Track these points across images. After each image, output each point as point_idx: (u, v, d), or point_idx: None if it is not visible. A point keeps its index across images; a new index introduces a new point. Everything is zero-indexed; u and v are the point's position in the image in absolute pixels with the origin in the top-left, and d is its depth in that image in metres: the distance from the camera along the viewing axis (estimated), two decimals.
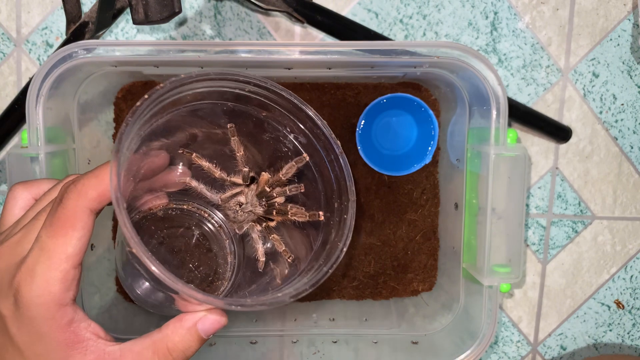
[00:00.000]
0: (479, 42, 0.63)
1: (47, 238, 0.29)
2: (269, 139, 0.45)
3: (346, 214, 0.40)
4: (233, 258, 0.47)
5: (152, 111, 0.35)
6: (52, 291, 0.28)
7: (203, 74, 0.36)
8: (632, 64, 0.64)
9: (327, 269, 0.37)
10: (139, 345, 0.31)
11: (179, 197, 0.46)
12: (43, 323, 0.28)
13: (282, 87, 0.40)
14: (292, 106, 0.41)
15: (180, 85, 0.35)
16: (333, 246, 0.39)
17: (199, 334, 0.32)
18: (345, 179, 0.41)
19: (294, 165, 0.42)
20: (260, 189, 0.42)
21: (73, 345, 0.29)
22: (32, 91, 0.44)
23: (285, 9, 0.55)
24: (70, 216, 0.29)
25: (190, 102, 0.39)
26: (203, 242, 0.46)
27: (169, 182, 0.42)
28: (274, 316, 0.59)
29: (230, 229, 0.47)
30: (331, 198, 0.43)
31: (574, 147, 0.66)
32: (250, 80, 0.39)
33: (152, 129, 0.38)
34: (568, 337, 0.69)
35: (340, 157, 0.41)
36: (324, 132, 0.41)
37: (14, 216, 0.34)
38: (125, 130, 0.31)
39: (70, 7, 0.56)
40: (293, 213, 0.41)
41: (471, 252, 0.52)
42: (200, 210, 0.46)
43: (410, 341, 0.55)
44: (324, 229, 0.43)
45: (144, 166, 0.39)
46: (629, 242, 0.68)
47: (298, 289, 0.35)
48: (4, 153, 0.61)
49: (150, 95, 0.33)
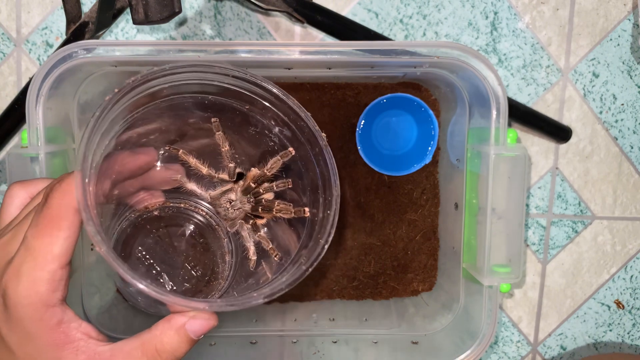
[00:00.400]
0: (479, 42, 0.63)
1: (33, 238, 0.28)
2: (254, 133, 0.43)
3: (329, 209, 0.38)
4: (231, 257, 0.46)
5: (124, 106, 0.34)
6: (39, 291, 0.28)
7: (176, 66, 0.35)
8: (632, 64, 0.64)
9: (306, 267, 0.34)
10: (129, 345, 0.30)
11: (177, 195, 0.46)
12: (32, 324, 0.28)
13: (262, 77, 0.38)
14: (274, 97, 0.39)
15: (152, 78, 0.34)
16: (315, 243, 0.37)
17: (188, 334, 0.31)
18: (330, 173, 0.39)
19: (279, 159, 0.40)
20: (246, 185, 0.41)
21: (63, 345, 0.29)
22: (32, 91, 0.44)
23: (285, 9, 0.55)
24: (55, 216, 0.29)
25: (167, 95, 0.38)
26: (200, 241, 0.46)
27: (161, 179, 0.42)
28: (274, 316, 0.59)
29: (228, 228, 0.46)
30: (316, 193, 0.40)
31: (574, 147, 0.66)
32: (228, 72, 0.37)
33: (130, 126, 0.37)
34: (568, 337, 0.69)
35: (325, 150, 0.39)
36: (307, 125, 0.39)
37: (10, 215, 0.34)
38: (89, 135, 0.30)
39: (70, 7, 0.56)
40: (278, 210, 0.40)
41: (471, 252, 0.52)
42: (198, 208, 0.46)
43: (410, 341, 0.55)
44: (309, 225, 0.41)
45: (127, 164, 0.38)
46: (629, 242, 0.68)
47: (274, 289, 0.33)
48: (4, 153, 0.61)
49: (120, 89, 0.32)
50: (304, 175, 0.42)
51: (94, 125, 0.30)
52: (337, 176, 0.38)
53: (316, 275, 0.62)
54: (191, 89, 0.39)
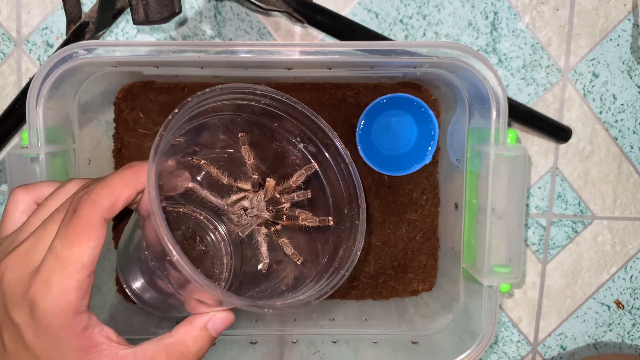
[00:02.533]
0: (479, 42, 0.63)
1: (63, 248, 0.29)
2: (277, 147, 0.47)
3: (357, 219, 0.42)
4: (229, 259, 0.47)
5: (180, 123, 0.37)
6: (68, 300, 0.29)
7: (227, 88, 0.39)
8: (632, 64, 0.64)
9: (344, 272, 0.39)
10: (152, 349, 0.32)
11: (176, 199, 0.46)
12: (59, 330, 0.29)
13: (295, 99, 0.43)
14: (305, 118, 0.44)
15: (206, 98, 0.37)
16: (347, 250, 0.41)
17: (210, 333, 0.33)
18: (355, 187, 0.43)
19: (303, 173, 0.44)
20: (270, 195, 0.44)
21: (88, 350, 0.30)
22: (32, 91, 0.44)
23: (285, 9, 0.55)
24: (86, 226, 0.29)
25: (211, 114, 0.41)
26: (199, 244, 0.46)
27: (173, 185, 0.43)
28: (274, 316, 0.59)
29: (227, 232, 0.47)
30: (341, 205, 0.45)
31: (574, 147, 0.66)
32: (267, 94, 0.42)
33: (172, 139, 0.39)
34: (568, 337, 0.69)
35: (350, 167, 0.44)
36: (334, 143, 0.44)
37: (15, 220, 0.34)
38: (159, 143, 0.33)
39: (71, 7, 0.56)
40: (304, 218, 0.43)
41: (471, 252, 0.52)
42: (196, 212, 0.47)
43: (410, 341, 0.55)
44: (334, 233, 0.45)
45: (170, 181, 0.41)
46: (629, 242, 0.68)
47: (320, 291, 0.38)
48: (4, 153, 0.61)
49: (180, 109, 0.35)
50: (327, 189, 0.46)
51: (164, 136, 0.33)
52: (362, 190, 0.43)
53: None
54: (229, 108, 0.42)
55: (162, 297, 0.38)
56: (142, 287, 0.39)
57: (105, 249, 0.57)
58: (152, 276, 0.38)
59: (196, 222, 0.47)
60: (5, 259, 0.30)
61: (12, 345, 0.30)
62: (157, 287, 0.38)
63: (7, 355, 0.30)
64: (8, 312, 0.29)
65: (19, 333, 0.29)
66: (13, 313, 0.29)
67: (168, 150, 0.40)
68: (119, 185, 0.31)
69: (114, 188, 0.31)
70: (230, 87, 0.39)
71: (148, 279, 0.38)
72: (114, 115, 0.58)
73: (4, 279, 0.30)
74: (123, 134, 0.58)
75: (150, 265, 0.36)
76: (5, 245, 0.32)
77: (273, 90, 0.42)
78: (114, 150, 0.59)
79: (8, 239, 0.33)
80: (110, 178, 0.32)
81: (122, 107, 0.58)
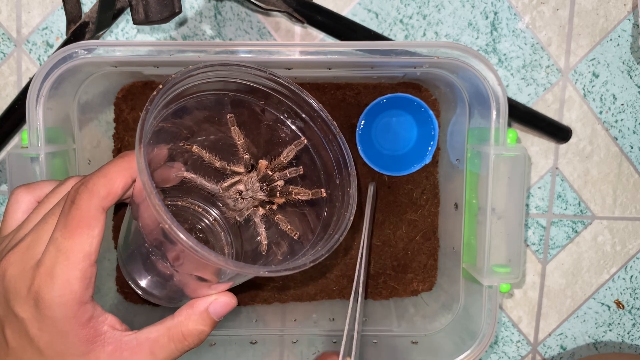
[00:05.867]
0: (479, 42, 0.63)
1: (64, 239, 0.29)
2: (266, 126, 0.46)
3: (349, 187, 0.42)
4: (230, 248, 0.47)
5: (164, 102, 0.36)
6: (73, 290, 0.29)
7: (211, 62, 0.38)
8: (632, 64, 0.64)
9: (338, 237, 0.40)
10: (154, 332, 0.32)
11: (174, 193, 0.46)
12: (65, 322, 0.29)
13: (280, 74, 0.42)
14: (289, 92, 0.43)
15: (190, 74, 0.37)
16: (340, 216, 0.42)
17: (211, 317, 0.34)
18: (345, 155, 0.43)
19: (293, 148, 0.43)
20: (263, 174, 0.44)
21: (93, 339, 0.30)
22: (32, 91, 0.44)
23: (285, 9, 0.55)
24: (85, 216, 0.30)
25: (195, 93, 0.41)
26: (199, 236, 0.46)
27: (167, 177, 0.42)
28: (274, 316, 0.59)
29: (225, 220, 0.47)
30: (332, 175, 0.45)
31: (574, 147, 0.66)
32: (250, 68, 0.41)
33: (160, 121, 0.39)
34: (568, 337, 0.69)
35: (338, 137, 0.44)
36: (320, 115, 0.44)
37: (17, 220, 0.34)
38: (145, 116, 0.33)
39: (71, 7, 0.56)
40: (296, 192, 0.43)
41: (471, 252, 0.52)
42: (195, 205, 0.47)
43: (410, 341, 0.55)
44: (328, 204, 0.45)
45: (162, 172, 0.40)
46: (629, 242, 0.68)
47: (315, 255, 0.38)
48: (4, 153, 0.61)
49: (164, 85, 0.34)
50: (317, 162, 0.46)
51: (144, 120, 0.33)
52: (351, 158, 0.43)
53: (316, 275, 0.62)
54: (213, 87, 0.42)
55: (164, 281, 0.38)
56: (143, 276, 0.39)
57: (106, 249, 0.57)
58: (152, 262, 0.37)
59: (195, 215, 0.47)
60: (7, 255, 0.30)
61: (16, 341, 0.30)
62: (159, 272, 0.38)
63: (9, 352, 0.30)
64: (11, 308, 0.29)
65: (23, 328, 0.29)
66: (17, 308, 0.29)
67: (157, 137, 0.39)
68: (114, 173, 0.32)
69: (109, 177, 0.31)
70: (215, 61, 0.39)
71: (149, 266, 0.38)
72: (114, 115, 0.58)
73: (7, 275, 0.30)
74: (123, 134, 0.59)
75: (149, 248, 0.36)
76: (7, 243, 0.32)
77: (256, 65, 0.41)
78: (114, 150, 0.59)
79: (9, 236, 0.33)
80: (105, 167, 0.32)
81: (122, 107, 0.58)
